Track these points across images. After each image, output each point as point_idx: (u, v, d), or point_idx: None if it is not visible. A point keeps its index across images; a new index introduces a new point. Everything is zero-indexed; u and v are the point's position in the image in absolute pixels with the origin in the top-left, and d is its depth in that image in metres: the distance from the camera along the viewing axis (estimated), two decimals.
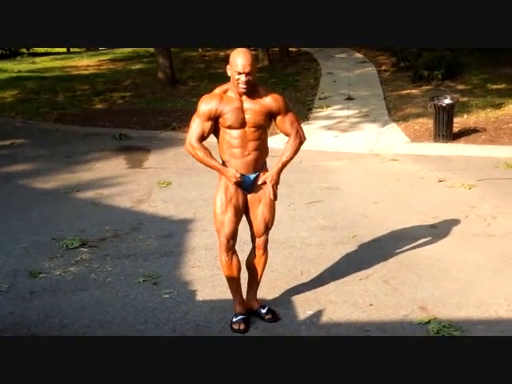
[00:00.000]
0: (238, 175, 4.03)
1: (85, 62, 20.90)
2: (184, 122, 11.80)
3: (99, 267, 5.35)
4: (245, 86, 3.89)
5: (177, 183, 7.96)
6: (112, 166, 8.94)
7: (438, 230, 6.00)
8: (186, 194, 7.48)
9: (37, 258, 5.58)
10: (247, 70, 3.83)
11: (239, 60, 3.84)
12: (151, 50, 20.65)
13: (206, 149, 4.04)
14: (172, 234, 6.10)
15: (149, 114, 12.65)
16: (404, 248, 5.57)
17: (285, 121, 4.12)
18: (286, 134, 4.20)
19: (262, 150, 4.12)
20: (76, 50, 25.59)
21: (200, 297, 4.75)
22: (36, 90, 15.25)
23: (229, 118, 3.95)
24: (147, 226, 6.38)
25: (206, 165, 4.07)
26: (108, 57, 22.33)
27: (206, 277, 5.09)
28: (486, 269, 5.12)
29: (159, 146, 10.24)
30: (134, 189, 7.73)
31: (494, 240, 5.74)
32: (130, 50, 25.27)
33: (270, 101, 4.02)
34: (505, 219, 6.27)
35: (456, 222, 6.22)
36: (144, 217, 6.67)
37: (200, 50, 21.20)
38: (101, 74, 17.78)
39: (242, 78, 3.86)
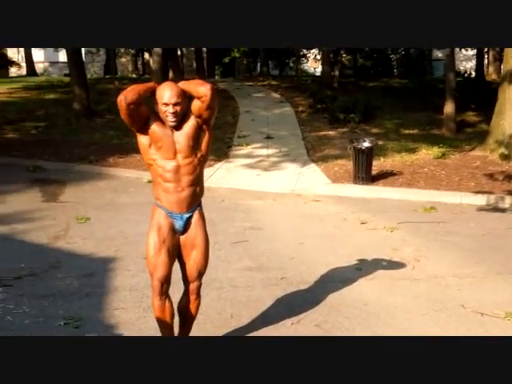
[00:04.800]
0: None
1: None
2: (101, 155, 11.53)
3: (15, 308, 5.00)
4: (173, 119, 3.71)
5: (95, 219, 7.67)
6: (26, 199, 8.54)
7: (364, 273, 6.01)
8: (105, 230, 7.21)
9: None
10: (173, 100, 3.66)
11: (164, 92, 3.68)
12: (66, 79, 20.23)
13: None
14: (93, 273, 5.82)
15: (64, 145, 12.28)
16: (332, 291, 5.53)
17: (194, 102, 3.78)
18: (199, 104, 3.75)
19: (197, 186, 3.93)
20: None
21: None
22: None
23: (161, 144, 3.75)
24: (66, 264, 6.06)
25: (143, 87, 3.70)
26: (19, 85, 21.65)
27: (132, 319, 4.85)
28: (414, 313, 5.13)
29: (75, 179, 9.90)
30: (51, 224, 7.38)
31: (419, 283, 5.80)
32: (43, 78, 24.69)
33: (192, 114, 3.78)
34: (428, 262, 6.37)
35: (381, 264, 6.26)
36: (62, 254, 6.34)
37: (116, 82, 20.92)
38: (12, 102, 17.19)
39: (170, 109, 3.68)
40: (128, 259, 6.15)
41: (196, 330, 4.51)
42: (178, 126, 3.78)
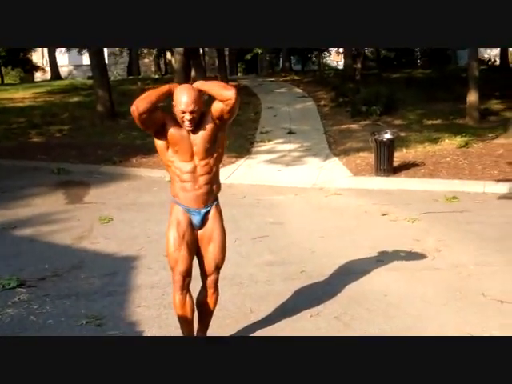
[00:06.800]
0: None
1: (20, 94, 20.48)
2: (125, 156, 11.65)
3: (38, 308, 5.10)
4: (190, 125, 3.76)
5: (118, 219, 7.76)
6: (50, 202, 8.67)
7: (385, 264, 6.00)
8: (128, 230, 7.30)
9: None
10: (190, 108, 3.71)
11: (181, 98, 3.71)
12: (89, 82, 20.44)
13: None
14: (115, 272, 5.90)
15: (88, 147, 12.42)
16: (353, 283, 5.53)
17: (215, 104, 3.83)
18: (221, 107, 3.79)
19: (213, 184, 4.00)
20: (11, 81, 25.03)
21: None
22: None
23: (178, 148, 3.81)
24: (89, 264, 6.15)
25: (157, 94, 3.72)
26: (44, 89, 21.94)
27: (153, 317, 4.91)
28: (434, 303, 5.12)
29: (99, 181, 10.02)
30: (74, 225, 7.49)
31: (439, 273, 5.78)
32: (66, 82, 24.97)
33: (209, 115, 3.82)
34: (449, 252, 6.34)
35: (401, 255, 6.25)
36: (85, 254, 6.44)
37: (139, 83, 21.09)
38: (37, 107, 17.44)
39: (187, 116, 3.73)
40: (150, 258, 6.23)
41: (215, 325, 4.56)
42: (195, 129, 3.83)
